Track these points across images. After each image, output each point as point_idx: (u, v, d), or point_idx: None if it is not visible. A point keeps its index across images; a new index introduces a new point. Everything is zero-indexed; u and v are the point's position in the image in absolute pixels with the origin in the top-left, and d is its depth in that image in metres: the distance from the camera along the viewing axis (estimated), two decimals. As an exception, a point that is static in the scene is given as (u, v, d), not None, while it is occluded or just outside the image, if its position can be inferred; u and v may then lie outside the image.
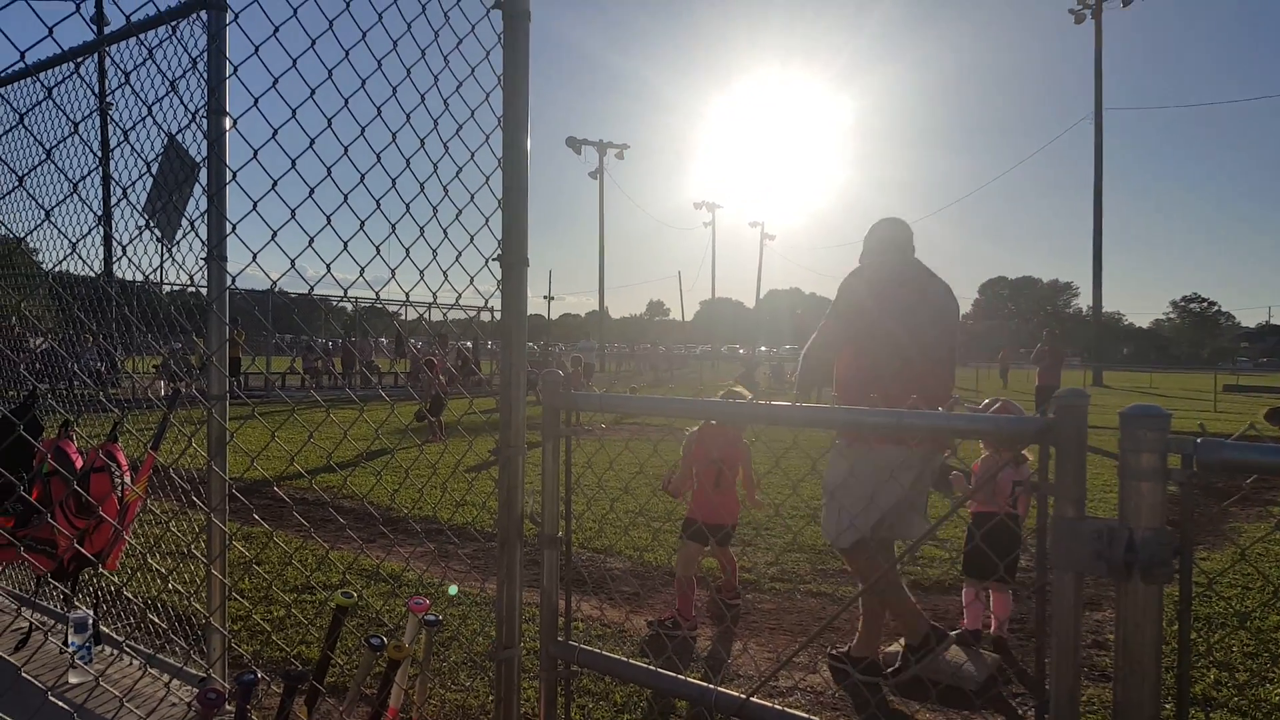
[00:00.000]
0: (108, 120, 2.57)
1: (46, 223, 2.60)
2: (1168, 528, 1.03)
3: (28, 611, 2.85)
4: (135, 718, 2.08)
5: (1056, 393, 1.14)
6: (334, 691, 2.54)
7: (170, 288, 2.74)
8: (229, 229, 1.89)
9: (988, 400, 3.53)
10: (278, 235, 1.75)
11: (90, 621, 2.43)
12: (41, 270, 3.22)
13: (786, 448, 2.03)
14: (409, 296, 1.97)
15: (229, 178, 1.91)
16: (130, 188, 2.24)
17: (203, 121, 2.01)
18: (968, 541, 3.52)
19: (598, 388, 17.06)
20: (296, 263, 1.75)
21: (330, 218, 1.72)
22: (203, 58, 2.01)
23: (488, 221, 1.90)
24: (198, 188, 2.16)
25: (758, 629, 3.52)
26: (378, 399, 13.00)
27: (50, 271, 3.12)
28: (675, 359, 35.83)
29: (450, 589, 3.61)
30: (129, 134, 2.17)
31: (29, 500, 2.25)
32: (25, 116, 2.74)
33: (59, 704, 2.13)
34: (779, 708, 1.44)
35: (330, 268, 1.80)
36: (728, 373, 28.74)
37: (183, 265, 2.12)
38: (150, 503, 2.54)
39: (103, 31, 2.46)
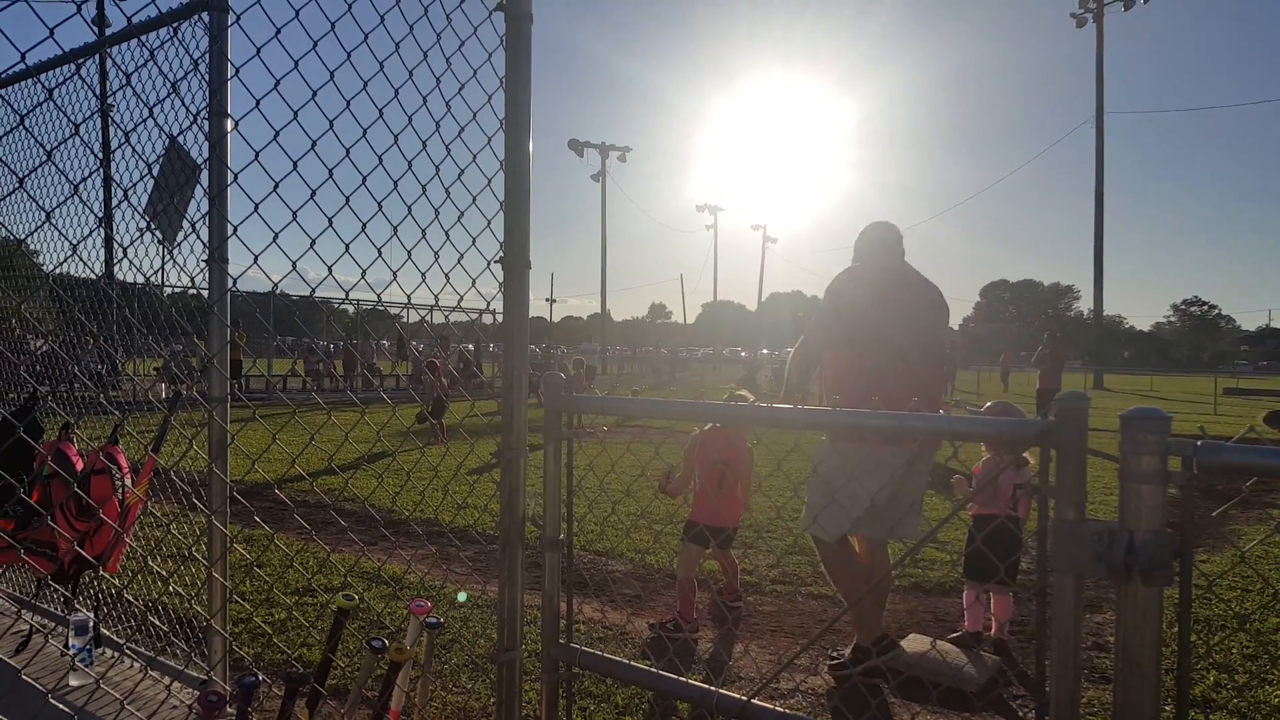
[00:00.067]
0: (109, 122, 2.57)
1: (47, 224, 2.61)
2: (1168, 530, 1.03)
3: (28, 614, 2.85)
4: (135, 720, 2.08)
5: (1057, 395, 1.14)
6: (335, 694, 2.54)
7: (171, 290, 2.75)
8: (230, 231, 1.89)
9: (989, 403, 3.53)
10: (279, 237, 1.76)
11: (91, 624, 2.43)
12: (42, 272, 3.23)
13: (788, 450, 2.03)
14: (411, 299, 1.97)
15: (230, 179, 1.91)
16: (131, 189, 2.25)
17: (204, 123, 2.02)
18: (969, 544, 3.51)
19: (600, 390, 17.05)
20: (298, 265, 1.75)
21: (332, 220, 1.73)
22: (204, 59, 2.01)
23: (490, 224, 1.91)
24: (199, 189, 2.17)
25: (759, 631, 3.52)
26: (379, 401, 13.01)
27: (51, 273, 3.12)
28: (678, 362, 35.75)
29: (460, 596, 3.60)
30: (130, 135, 2.18)
31: (29, 503, 2.26)
32: (26, 118, 2.75)
33: (60, 706, 2.13)
34: (780, 710, 1.43)
35: (332, 270, 1.81)
36: (729, 375, 28.74)
37: (184, 267, 2.12)
38: (151, 505, 2.54)
39: (104, 33, 2.46)
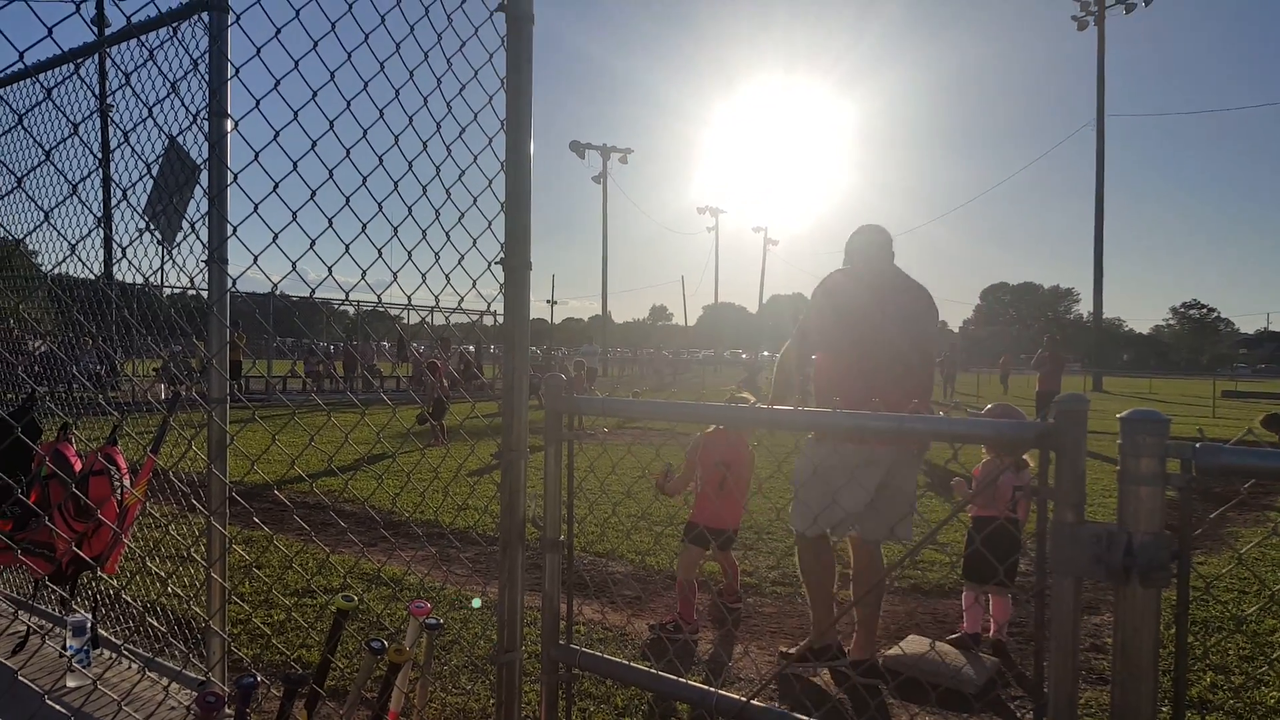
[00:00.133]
0: (108, 121, 2.57)
1: (46, 224, 2.60)
2: (1166, 532, 1.03)
3: (25, 615, 2.84)
4: (134, 721, 2.07)
5: (1057, 398, 1.15)
6: (334, 695, 2.54)
7: (170, 290, 2.75)
8: (230, 231, 1.89)
9: (990, 405, 3.54)
10: (279, 238, 1.76)
11: (88, 625, 2.43)
12: (41, 272, 3.22)
13: (789, 451, 2.03)
14: (411, 300, 1.97)
15: (230, 180, 1.91)
16: (130, 189, 2.24)
17: (204, 123, 2.01)
18: (968, 545, 3.52)
19: (600, 392, 17.05)
20: (298, 265, 1.75)
21: (332, 220, 1.73)
22: (204, 59, 2.01)
23: (490, 225, 1.90)
24: (198, 190, 2.16)
25: (759, 632, 3.51)
26: (379, 403, 13.00)
27: (49, 273, 3.12)
28: (679, 364, 35.71)
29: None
30: (129, 135, 2.17)
31: (27, 503, 2.25)
32: (24, 117, 2.75)
33: (56, 707, 2.13)
34: (780, 710, 1.43)
35: (332, 270, 1.81)
36: (730, 377, 28.73)
37: (183, 268, 2.12)
38: (150, 506, 2.53)
39: (103, 33, 2.46)
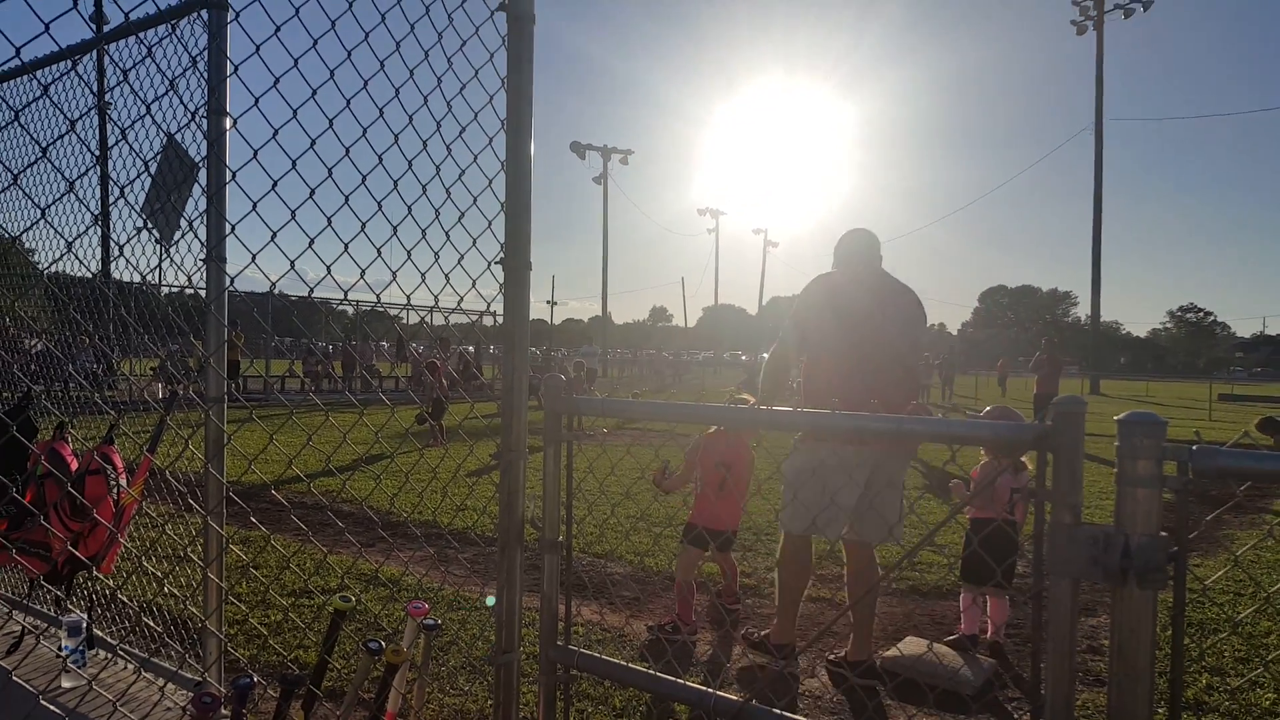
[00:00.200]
0: (106, 119, 2.56)
1: (42, 221, 2.60)
2: (1163, 534, 1.03)
3: (20, 615, 2.83)
4: (129, 721, 2.07)
5: (1054, 400, 1.15)
6: (331, 696, 2.53)
7: (168, 289, 2.74)
8: (228, 230, 1.89)
9: (988, 408, 3.55)
10: (277, 236, 1.75)
11: (84, 625, 2.42)
12: (37, 270, 3.22)
13: (788, 452, 2.03)
14: (410, 300, 1.96)
15: (228, 178, 1.90)
16: (128, 187, 2.24)
17: (202, 121, 2.01)
18: (966, 547, 3.52)
19: (600, 393, 17.04)
20: (296, 264, 1.75)
21: (331, 219, 1.72)
22: (203, 56, 2.00)
23: (490, 225, 1.90)
24: (197, 188, 2.16)
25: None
26: (378, 403, 12.98)
27: (46, 271, 3.11)
28: (680, 365, 35.69)
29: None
30: (127, 133, 2.17)
31: (23, 502, 2.24)
32: (21, 114, 2.74)
33: (51, 708, 2.12)
34: (777, 711, 1.43)
35: (330, 270, 1.80)
36: (730, 379, 28.75)
37: (181, 266, 2.11)
38: (146, 505, 2.53)
39: (101, 29, 2.46)
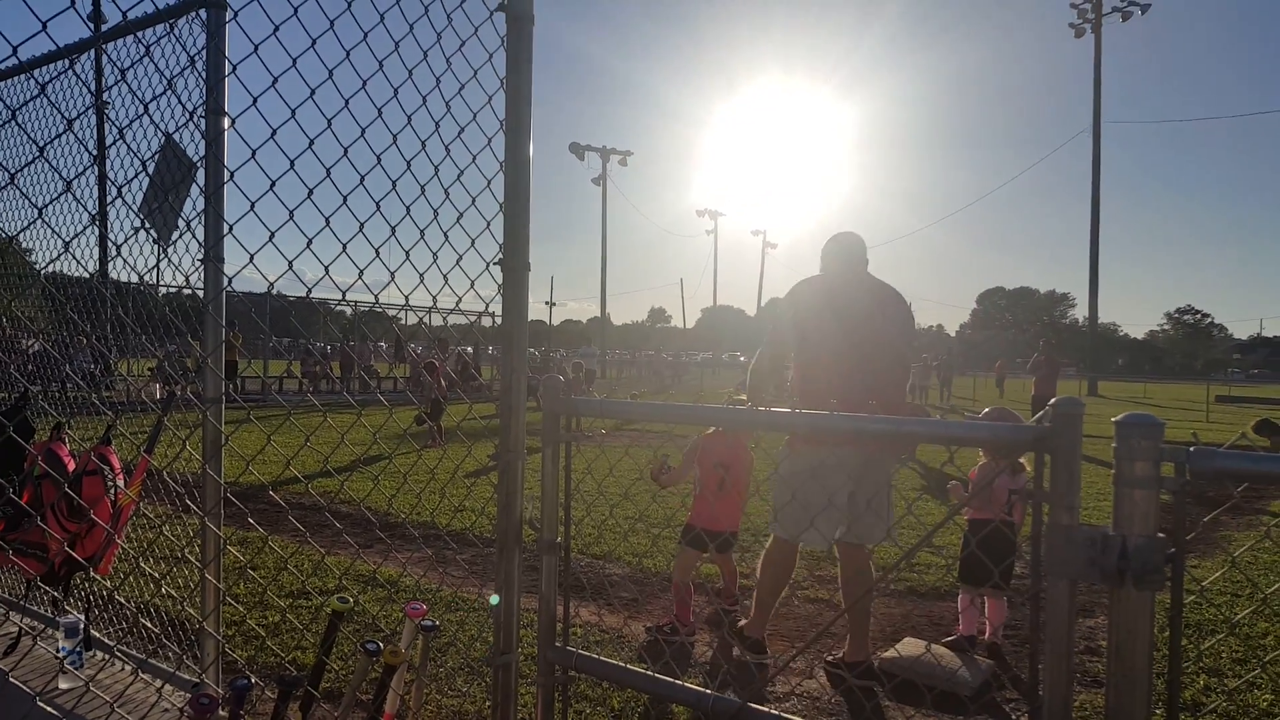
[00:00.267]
0: (103, 118, 2.56)
1: (39, 221, 2.59)
2: (1160, 535, 1.03)
3: (17, 616, 2.83)
4: (126, 722, 2.06)
5: (1052, 401, 1.15)
6: (329, 697, 2.53)
7: (166, 289, 2.74)
8: (226, 230, 1.88)
9: (988, 409, 3.56)
10: (275, 237, 1.75)
11: (81, 626, 2.41)
12: (34, 270, 3.21)
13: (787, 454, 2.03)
14: (409, 300, 1.96)
15: (226, 178, 1.90)
16: (126, 187, 2.23)
17: (200, 120, 2.01)
18: (964, 548, 3.52)
19: (599, 394, 17.03)
20: (294, 265, 1.75)
21: (329, 219, 1.72)
22: (201, 56, 2.00)
23: (489, 225, 1.90)
24: (195, 188, 2.16)
25: (753, 635, 3.51)
26: (376, 403, 12.97)
27: (43, 271, 3.10)
28: (679, 366, 35.65)
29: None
30: (125, 132, 2.17)
31: (19, 503, 2.24)
32: (18, 113, 2.73)
33: (48, 709, 2.12)
34: (776, 713, 1.43)
35: (329, 270, 1.80)
36: (729, 380, 28.76)
37: (179, 266, 2.11)
38: (144, 506, 2.52)
39: (99, 28, 2.45)
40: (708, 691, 1.52)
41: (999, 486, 3.19)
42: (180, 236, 2.17)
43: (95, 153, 2.58)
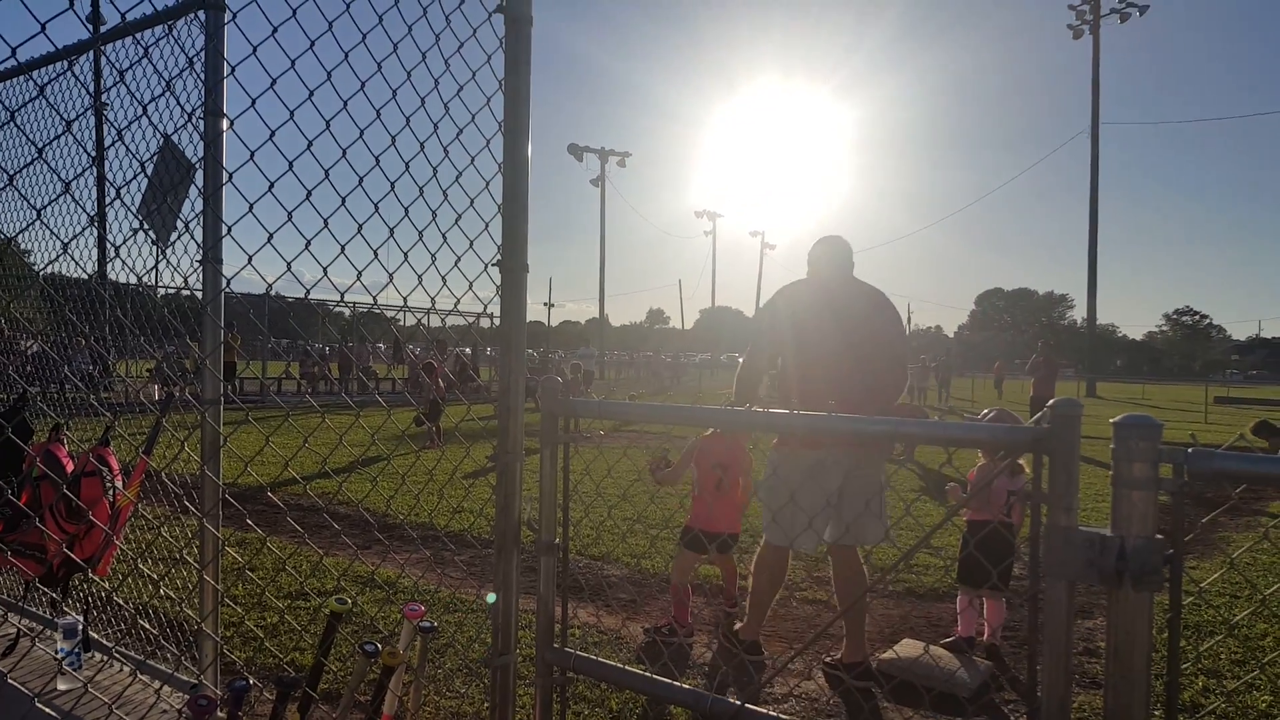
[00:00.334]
0: (102, 119, 2.56)
1: (38, 222, 2.59)
2: (1158, 536, 1.03)
3: (15, 617, 2.82)
4: (124, 724, 2.06)
5: (1051, 402, 1.15)
6: (327, 698, 2.52)
7: (164, 290, 2.73)
8: (224, 231, 1.89)
9: (987, 410, 3.56)
10: (274, 238, 1.75)
11: (79, 627, 2.41)
12: (33, 271, 3.21)
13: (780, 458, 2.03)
14: (407, 301, 1.96)
15: (225, 179, 1.90)
16: (124, 188, 2.23)
17: (199, 122, 2.01)
18: (962, 549, 3.52)
19: (597, 395, 17.04)
20: (293, 266, 1.75)
21: (328, 221, 1.72)
22: (199, 57, 2.00)
23: (487, 227, 1.90)
24: (193, 189, 2.16)
25: (752, 636, 3.51)
26: (374, 404, 12.96)
27: (42, 272, 3.10)
28: (678, 367, 35.64)
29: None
30: (124, 133, 2.17)
31: (17, 504, 2.23)
32: (17, 114, 2.73)
33: (46, 711, 2.11)
34: (774, 714, 1.43)
35: (327, 271, 1.80)
36: (727, 381, 28.76)
37: (177, 267, 2.11)
38: (142, 508, 2.52)
39: (98, 30, 2.45)
40: (706, 693, 1.52)
41: (998, 488, 3.19)
42: (179, 238, 2.17)
43: (94, 154, 2.58)
